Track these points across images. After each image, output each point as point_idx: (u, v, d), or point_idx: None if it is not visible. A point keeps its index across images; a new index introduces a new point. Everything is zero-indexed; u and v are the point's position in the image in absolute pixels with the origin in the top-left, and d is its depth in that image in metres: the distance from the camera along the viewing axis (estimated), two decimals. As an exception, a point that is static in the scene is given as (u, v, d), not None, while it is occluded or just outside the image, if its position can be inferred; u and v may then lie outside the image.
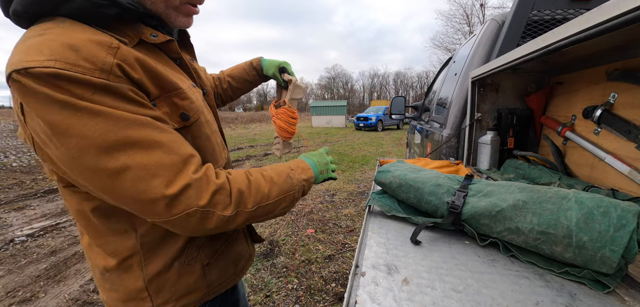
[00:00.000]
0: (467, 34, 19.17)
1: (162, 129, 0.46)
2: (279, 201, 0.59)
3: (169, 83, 0.50)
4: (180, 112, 0.52)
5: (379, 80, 64.46)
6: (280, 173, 0.62)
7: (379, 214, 0.91)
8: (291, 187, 0.62)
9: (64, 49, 0.39)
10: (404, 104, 3.25)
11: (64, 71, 0.38)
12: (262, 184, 0.56)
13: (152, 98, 0.49)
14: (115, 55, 0.43)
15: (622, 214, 0.55)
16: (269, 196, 0.57)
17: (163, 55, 0.56)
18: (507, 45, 1.57)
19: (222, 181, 0.50)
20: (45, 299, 2.05)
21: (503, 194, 0.71)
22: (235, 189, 0.51)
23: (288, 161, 0.73)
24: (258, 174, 0.59)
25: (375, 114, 16.45)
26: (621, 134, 0.94)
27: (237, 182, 0.52)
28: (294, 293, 2.08)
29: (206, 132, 0.59)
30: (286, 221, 3.28)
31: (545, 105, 1.38)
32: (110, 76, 0.42)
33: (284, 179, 0.61)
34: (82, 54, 0.40)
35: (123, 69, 0.43)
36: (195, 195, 0.46)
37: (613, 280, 0.55)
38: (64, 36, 0.40)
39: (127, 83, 0.44)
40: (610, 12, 0.60)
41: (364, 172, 5.70)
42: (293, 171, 0.65)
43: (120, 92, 0.42)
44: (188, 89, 0.55)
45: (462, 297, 0.53)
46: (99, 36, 0.43)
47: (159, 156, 0.44)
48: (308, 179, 0.69)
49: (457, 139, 1.76)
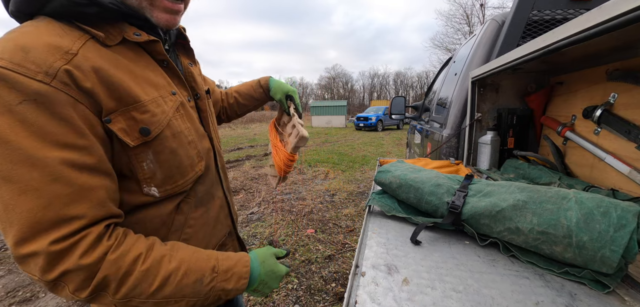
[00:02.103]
0: (467, 34, 19.18)
1: (56, 178, 0.40)
2: (166, 302, 0.49)
3: (127, 95, 0.48)
4: (140, 126, 0.49)
5: (379, 80, 64.51)
6: (192, 271, 0.51)
7: (379, 214, 0.91)
8: (195, 294, 0.51)
9: (15, 49, 0.39)
10: (404, 104, 3.25)
11: (5, 70, 0.38)
12: (150, 279, 0.47)
13: (107, 112, 0.46)
14: (69, 61, 0.42)
15: (622, 214, 0.55)
16: (153, 294, 0.47)
17: (146, 56, 0.55)
18: (507, 45, 1.57)
19: (87, 262, 0.42)
20: (45, 299, 2.05)
21: (503, 194, 0.71)
22: (104, 274, 0.43)
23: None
24: (156, 261, 0.48)
25: (375, 114, 16.45)
26: (621, 134, 0.94)
27: (115, 265, 0.44)
28: (294, 293, 2.08)
29: (171, 146, 0.54)
30: (286, 221, 3.28)
31: (545, 105, 1.38)
32: (53, 81, 0.40)
33: (191, 281, 0.51)
34: (30, 56, 0.40)
35: (72, 75, 0.42)
36: (42, 267, 0.40)
37: (613, 280, 0.55)
38: (26, 36, 0.41)
39: (75, 92, 0.42)
40: (610, 12, 0.60)
41: (364, 172, 5.71)
42: (215, 274, 0.54)
43: (54, 106, 0.40)
44: (152, 100, 0.52)
45: (462, 297, 0.53)
46: (60, 39, 0.43)
47: (29, 206, 0.39)
48: (233, 289, 0.56)
49: (457, 139, 1.76)
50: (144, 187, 0.53)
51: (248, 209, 3.70)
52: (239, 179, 5.09)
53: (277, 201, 3.98)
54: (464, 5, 21.03)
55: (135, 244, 0.48)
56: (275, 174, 0.95)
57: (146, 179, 0.52)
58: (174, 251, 0.52)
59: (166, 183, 0.55)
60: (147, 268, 0.47)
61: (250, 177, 5.22)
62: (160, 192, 0.55)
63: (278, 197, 4.14)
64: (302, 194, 4.24)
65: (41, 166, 0.40)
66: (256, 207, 3.75)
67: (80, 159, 0.43)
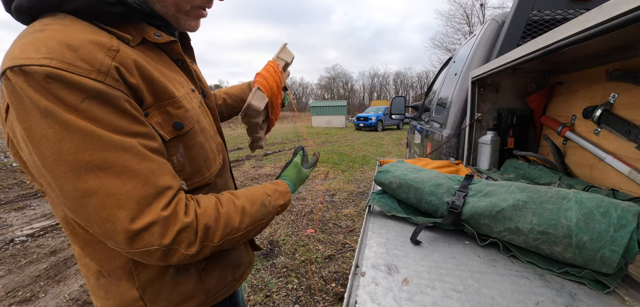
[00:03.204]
0: (467, 34, 19.17)
1: (143, 156, 0.43)
2: (250, 230, 0.58)
3: (163, 91, 0.49)
4: (174, 121, 0.51)
5: (379, 80, 64.47)
6: (255, 200, 0.60)
7: (379, 214, 0.91)
8: (265, 215, 0.61)
9: (62, 48, 0.38)
10: (404, 104, 3.25)
11: (59, 71, 0.37)
12: (232, 216, 0.54)
13: (146, 106, 0.48)
14: (114, 57, 0.42)
15: (622, 214, 0.55)
16: (239, 228, 0.55)
17: (164, 56, 0.56)
18: (507, 45, 1.57)
19: (189, 219, 0.47)
20: (45, 299, 2.05)
21: (503, 194, 0.71)
22: (202, 225, 0.48)
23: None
24: (230, 203, 0.55)
25: (375, 114, 16.45)
26: (621, 134, 0.94)
27: (206, 216, 0.50)
28: (294, 293, 2.08)
29: (200, 141, 0.57)
30: (286, 221, 3.28)
31: (545, 105, 1.38)
32: (107, 78, 0.41)
33: (257, 207, 0.59)
34: (80, 54, 0.39)
35: (121, 72, 0.43)
36: (160, 233, 0.43)
37: (613, 280, 0.55)
38: (63, 34, 0.40)
39: (124, 88, 0.43)
40: (610, 12, 0.60)
41: (364, 172, 5.70)
42: (270, 197, 0.64)
43: (114, 101, 0.41)
44: (184, 96, 0.54)
45: (462, 297, 0.53)
46: (99, 36, 0.43)
47: (131, 186, 0.41)
48: (284, 204, 0.68)
49: (457, 139, 1.76)
50: None
51: (248, 209, 3.70)
52: (239, 179, 5.09)
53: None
54: (464, 5, 21.02)
55: (207, 199, 0.53)
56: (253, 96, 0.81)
57: (177, 172, 0.53)
58: (234, 194, 0.59)
59: (194, 176, 0.57)
60: (226, 210, 0.53)
61: (251, 177, 5.22)
62: (188, 185, 0.56)
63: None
64: (302, 194, 4.24)
65: (126, 148, 0.42)
66: (256, 207, 3.75)
67: (149, 143, 0.46)
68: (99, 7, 0.44)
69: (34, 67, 0.37)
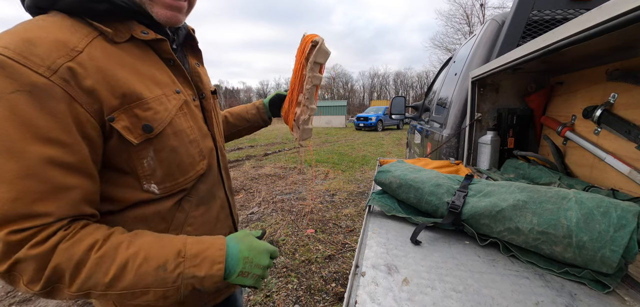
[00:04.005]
0: (467, 34, 19.16)
1: (33, 173, 0.40)
2: (133, 293, 0.46)
3: (131, 93, 0.49)
4: (143, 124, 0.50)
5: (379, 80, 64.45)
6: (153, 257, 0.47)
7: (379, 214, 0.91)
8: (160, 283, 0.46)
9: (22, 41, 0.41)
10: (404, 104, 3.25)
11: (8, 60, 0.39)
12: (104, 267, 0.44)
13: (110, 110, 0.47)
14: (73, 58, 0.43)
15: (622, 214, 0.55)
16: (110, 285, 0.44)
17: (153, 55, 0.56)
18: (507, 45, 1.57)
19: (35, 252, 0.40)
20: (45, 299, 2.05)
21: (503, 194, 0.71)
22: (53, 265, 0.41)
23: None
24: (113, 249, 0.45)
25: (375, 114, 16.45)
26: (621, 134, 0.94)
27: (65, 255, 0.42)
28: (294, 293, 2.08)
29: (172, 145, 0.55)
30: (286, 221, 3.28)
31: (545, 105, 1.38)
32: (53, 76, 0.41)
33: (152, 268, 0.46)
34: (36, 50, 0.41)
35: (74, 72, 0.43)
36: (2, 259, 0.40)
37: (613, 280, 0.55)
38: (32, 31, 0.43)
39: (74, 89, 0.43)
40: (610, 12, 0.60)
41: (364, 172, 5.71)
42: (181, 259, 0.48)
43: (48, 100, 0.41)
44: (156, 98, 0.52)
45: (462, 297, 0.53)
46: (68, 36, 0.44)
47: (7, 176, 0.39)
48: (207, 276, 0.49)
49: (457, 139, 1.76)
50: (143, 184, 0.53)
51: (248, 209, 3.70)
52: (239, 179, 5.09)
53: (278, 200, 3.98)
54: (464, 5, 21.01)
55: (92, 233, 0.45)
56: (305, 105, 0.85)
57: (146, 176, 0.53)
58: (136, 237, 0.49)
59: (166, 181, 0.56)
60: (101, 255, 0.44)
61: (251, 177, 5.22)
62: (159, 189, 0.55)
63: (278, 197, 4.14)
64: (302, 194, 4.24)
65: (19, 159, 0.39)
66: (256, 207, 3.75)
67: (62, 156, 0.43)
68: (86, 5, 0.47)
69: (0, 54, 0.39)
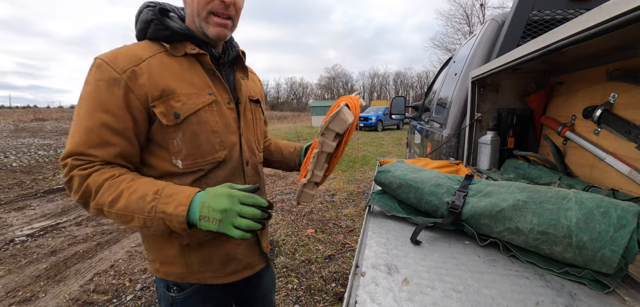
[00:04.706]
0: (467, 34, 19.14)
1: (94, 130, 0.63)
2: (125, 215, 0.62)
3: (168, 89, 0.68)
4: (174, 111, 0.68)
5: (379, 80, 64.43)
6: (139, 191, 0.62)
7: (379, 214, 0.91)
8: (140, 210, 0.61)
9: (112, 54, 0.66)
10: (404, 104, 3.25)
11: (102, 62, 0.65)
12: (108, 193, 0.62)
13: (153, 99, 0.67)
14: (137, 64, 0.66)
15: (622, 214, 0.55)
16: (110, 206, 0.62)
17: (198, 66, 0.74)
18: (507, 45, 1.57)
19: (81, 173, 0.63)
20: (45, 299, 2.05)
21: (503, 194, 0.71)
22: (85, 184, 0.62)
23: None
24: (118, 181, 0.63)
25: (375, 114, 16.44)
26: (621, 134, 0.94)
27: (93, 180, 0.62)
28: (294, 293, 2.08)
29: (194, 130, 0.71)
30: (286, 221, 3.28)
31: (545, 105, 1.38)
32: (122, 74, 0.65)
33: (135, 198, 0.61)
34: (118, 59, 0.66)
35: (135, 73, 0.66)
36: (65, 171, 0.64)
37: (613, 280, 0.55)
38: (123, 49, 0.68)
39: (133, 82, 0.65)
40: (610, 12, 0.60)
41: (364, 172, 5.71)
42: (157, 196, 0.62)
43: (114, 88, 0.64)
44: (185, 94, 0.70)
45: (462, 297, 0.53)
46: (144, 51, 0.69)
47: (76, 138, 0.63)
48: (173, 214, 0.60)
49: (457, 139, 1.76)
50: (172, 159, 0.71)
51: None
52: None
53: (278, 200, 3.98)
54: (464, 5, 20.99)
55: (113, 172, 0.65)
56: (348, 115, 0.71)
57: (175, 152, 0.71)
58: (138, 178, 0.67)
59: (187, 159, 0.72)
60: (110, 185, 0.63)
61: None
62: (183, 165, 0.72)
63: (278, 197, 4.14)
64: (302, 194, 4.23)
65: (89, 119, 0.63)
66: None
67: (112, 123, 0.64)
68: (158, 33, 0.71)
69: (98, 59, 0.66)
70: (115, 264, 2.49)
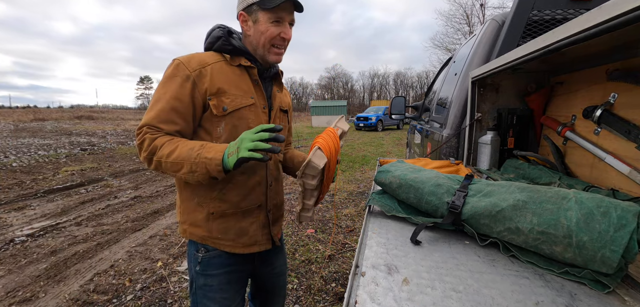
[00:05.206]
0: (467, 34, 19.12)
1: (166, 110, 0.84)
2: (177, 163, 0.80)
3: (222, 89, 0.88)
4: (223, 105, 0.88)
5: (379, 80, 64.35)
6: (188, 145, 0.82)
7: (379, 214, 0.91)
8: (188, 159, 0.80)
9: (189, 57, 0.88)
10: (404, 104, 3.25)
11: (180, 63, 0.86)
12: (167, 147, 0.81)
13: (210, 94, 0.87)
14: (203, 67, 0.87)
15: (622, 214, 0.55)
16: (168, 157, 0.81)
17: (247, 75, 0.94)
18: (507, 45, 1.57)
19: (152, 137, 0.82)
20: (45, 299, 2.05)
21: (503, 194, 0.71)
22: (153, 144, 0.81)
23: None
24: (174, 142, 0.83)
25: (375, 114, 16.45)
26: (621, 134, 0.94)
27: (159, 141, 0.82)
28: (294, 293, 2.08)
29: (234, 123, 0.90)
30: (286, 221, 3.28)
31: (545, 105, 1.38)
32: (193, 72, 0.85)
33: (186, 150, 0.81)
34: (191, 61, 0.86)
35: (201, 74, 0.86)
36: (140, 137, 0.84)
37: (613, 280, 0.55)
38: (196, 55, 0.90)
39: (199, 79, 0.86)
40: (610, 12, 0.60)
41: (364, 172, 5.71)
42: (201, 148, 0.81)
43: (186, 82, 0.85)
44: (235, 95, 0.90)
45: (462, 297, 0.53)
46: (210, 59, 0.90)
47: (153, 113, 0.84)
48: (211, 159, 0.79)
49: (457, 139, 1.76)
50: (213, 142, 0.88)
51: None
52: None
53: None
54: (464, 5, 20.95)
55: (172, 137, 0.85)
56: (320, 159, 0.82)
57: (216, 137, 0.90)
58: (187, 140, 0.85)
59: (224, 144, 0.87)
60: (169, 144, 0.82)
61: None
62: None
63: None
64: (302, 194, 4.23)
65: (165, 102, 0.84)
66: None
67: (178, 107, 0.85)
68: (222, 47, 0.92)
69: (177, 59, 0.87)
70: (115, 264, 2.49)
